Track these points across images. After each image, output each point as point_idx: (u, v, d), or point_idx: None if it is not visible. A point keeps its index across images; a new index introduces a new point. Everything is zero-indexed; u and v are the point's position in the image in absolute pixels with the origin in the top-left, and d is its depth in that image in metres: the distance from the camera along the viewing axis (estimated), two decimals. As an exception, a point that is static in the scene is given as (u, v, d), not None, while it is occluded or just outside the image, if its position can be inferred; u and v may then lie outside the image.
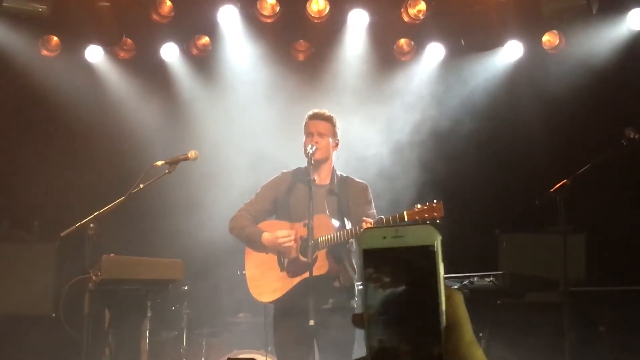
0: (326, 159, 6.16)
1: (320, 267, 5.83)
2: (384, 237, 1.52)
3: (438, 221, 5.83)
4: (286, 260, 6.00)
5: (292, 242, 5.93)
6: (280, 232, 5.96)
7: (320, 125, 6.15)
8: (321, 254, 5.85)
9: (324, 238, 5.87)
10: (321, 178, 6.14)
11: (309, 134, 6.13)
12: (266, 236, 5.99)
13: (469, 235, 6.08)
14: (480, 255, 9.16)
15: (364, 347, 1.55)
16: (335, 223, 5.96)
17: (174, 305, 8.67)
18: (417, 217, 5.82)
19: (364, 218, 5.86)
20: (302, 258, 5.79)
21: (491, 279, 7.45)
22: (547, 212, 7.04)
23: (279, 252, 6.05)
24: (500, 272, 7.47)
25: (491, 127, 9.76)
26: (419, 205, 5.87)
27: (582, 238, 8.92)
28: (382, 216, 5.90)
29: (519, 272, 7.70)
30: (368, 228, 1.72)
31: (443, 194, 9.41)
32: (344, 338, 6.00)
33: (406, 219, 5.82)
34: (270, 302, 6.05)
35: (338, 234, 5.87)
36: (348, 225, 6.05)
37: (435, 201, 5.85)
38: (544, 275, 7.81)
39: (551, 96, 9.44)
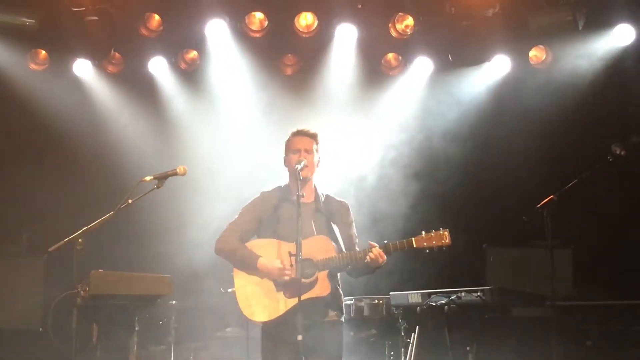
0: (311, 176, 6.15)
1: (322, 288, 5.83)
2: None
3: (444, 249, 5.88)
4: (283, 281, 5.97)
5: (289, 274, 5.88)
6: (278, 264, 5.91)
7: (306, 142, 6.13)
8: (322, 276, 5.84)
9: (325, 260, 5.86)
10: (305, 196, 6.12)
11: (295, 150, 6.10)
12: (262, 262, 5.93)
13: (457, 250, 6.09)
14: (468, 270, 9.19)
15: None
16: (334, 244, 5.95)
17: (161, 319, 8.67)
18: (425, 244, 5.89)
19: (370, 242, 5.89)
20: (303, 280, 5.75)
21: (479, 294, 7.45)
22: (534, 227, 7.06)
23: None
24: (488, 288, 7.48)
25: (478, 142, 9.81)
26: (424, 233, 5.90)
27: (569, 253, 8.96)
28: (387, 241, 5.90)
29: (506, 287, 7.70)
30: None
31: (431, 208, 9.55)
32: (335, 353, 6.00)
33: (415, 246, 5.89)
34: (266, 322, 6.00)
35: (340, 256, 5.88)
36: (341, 243, 6.04)
37: (441, 229, 5.91)
38: (531, 290, 7.83)
39: (538, 111, 9.49)
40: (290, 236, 5.82)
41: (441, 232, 5.91)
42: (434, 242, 5.88)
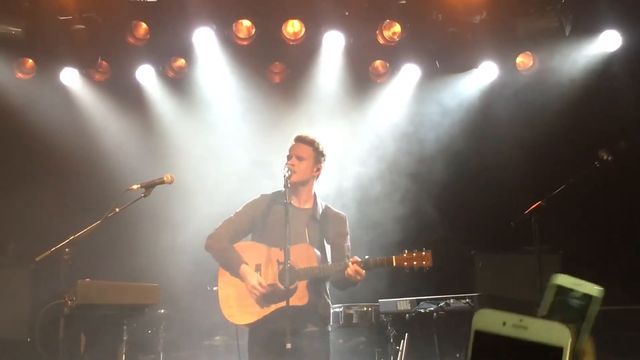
0: (303, 183, 6.10)
1: (301, 297, 5.80)
2: (504, 323, 1.37)
3: (425, 270, 5.83)
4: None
5: (259, 294, 5.85)
6: (254, 280, 5.89)
7: (300, 149, 6.11)
8: (302, 285, 5.80)
9: (306, 269, 5.83)
10: (301, 202, 6.11)
11: (288, 156, 6.12)
12: (244, 270, 5.93)
13: (445, 256, 6.08)
14: (457, 276, 9.19)
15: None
16: (318, 253, 5.93)
17: (150, 328, 8.62)
18: (405, 264, 5.82)
19: (355, 257, 5.85)
20: (280, 285, 5.75)
21: (467, 300, 7.45)
22: (522, 233, 7.07)
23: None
24: (477, 294, 7.49)
25: (466, 149, 9.81)
26: (406, 252, 5.85)
27: (558, 258, 8.98)
28: (368, 257, 5.87)
29: (494, 294, 7.72)
30: (486, 310, 1.51)
31: (419, 214, 9.55)
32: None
33: (394, 264, 5.83)
34: (242, 325, 6.03)
35: (321, 267, 5.86)
36: (329, 254, 6.03)
37: (424, 249, 5.85)
38: (519, 296, 7.83)
39: (525, 117, 9.50)
40: (276, 241, 5.83)
41: (423, 254, 5.84)
42: (415, 263, 5.81)
